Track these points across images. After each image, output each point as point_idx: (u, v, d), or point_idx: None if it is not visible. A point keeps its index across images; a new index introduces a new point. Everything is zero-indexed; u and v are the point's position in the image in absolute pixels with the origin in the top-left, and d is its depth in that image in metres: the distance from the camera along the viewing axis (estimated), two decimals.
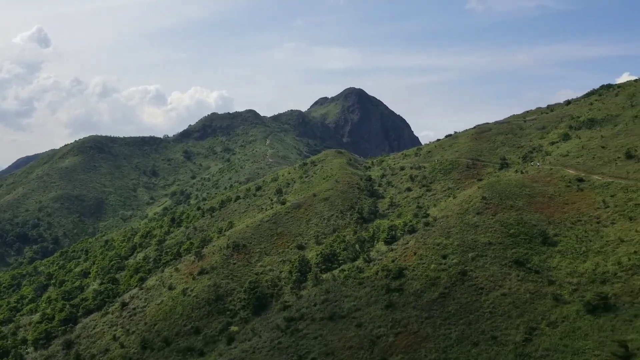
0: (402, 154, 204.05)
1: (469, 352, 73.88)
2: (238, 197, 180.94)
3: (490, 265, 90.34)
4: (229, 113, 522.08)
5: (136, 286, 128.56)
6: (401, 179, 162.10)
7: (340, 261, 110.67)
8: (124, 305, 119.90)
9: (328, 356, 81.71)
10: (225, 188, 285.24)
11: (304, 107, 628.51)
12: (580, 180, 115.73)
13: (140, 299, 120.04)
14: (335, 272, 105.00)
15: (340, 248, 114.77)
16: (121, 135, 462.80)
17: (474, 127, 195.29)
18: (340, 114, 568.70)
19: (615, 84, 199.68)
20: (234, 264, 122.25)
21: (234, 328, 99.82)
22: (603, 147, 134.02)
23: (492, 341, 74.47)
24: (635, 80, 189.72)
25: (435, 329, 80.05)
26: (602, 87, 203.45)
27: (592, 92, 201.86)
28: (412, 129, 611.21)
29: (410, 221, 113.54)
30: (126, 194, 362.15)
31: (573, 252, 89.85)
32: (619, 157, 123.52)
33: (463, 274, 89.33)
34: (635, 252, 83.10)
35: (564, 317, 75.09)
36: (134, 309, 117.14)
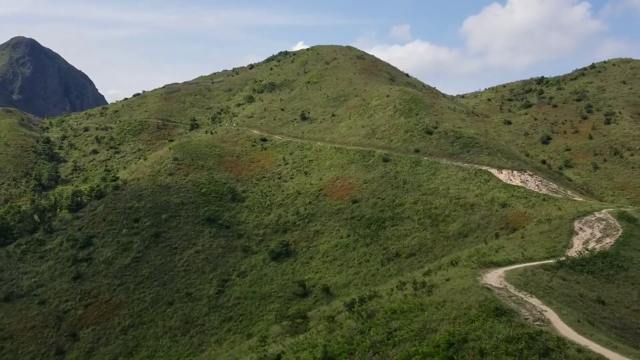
0: (86, 113, 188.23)
1: (165, 312, 73.84)
2: None
3: (184, 224, 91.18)
4: None
5: None
6: (86, 140, 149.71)
7: (15, 235, 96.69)
8: None
9: (6, 341, 71.73)
10: None
11: None
12: (264, 140, 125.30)
13: None
14: (10, 247, 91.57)
15: (14, 220, 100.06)
16: None
17: (163, 87, 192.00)
18: (7, 66, 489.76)
19: (292, 52, 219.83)
20: None
21: None
22: (282, 110, 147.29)
23: (187, 298, 75.85)
24: (307, 49, 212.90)
25: (129, 294, 77.44)
26: (281, 53, 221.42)
27: (272, 58, 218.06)
28: (98, 87, 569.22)
29: (98, 185, 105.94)
30: None
31: (259, 206, 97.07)
32: (295, 119, 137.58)
33: (157, 235, 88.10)
34: (309, 202, 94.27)
35: (253, 266, 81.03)
36: None
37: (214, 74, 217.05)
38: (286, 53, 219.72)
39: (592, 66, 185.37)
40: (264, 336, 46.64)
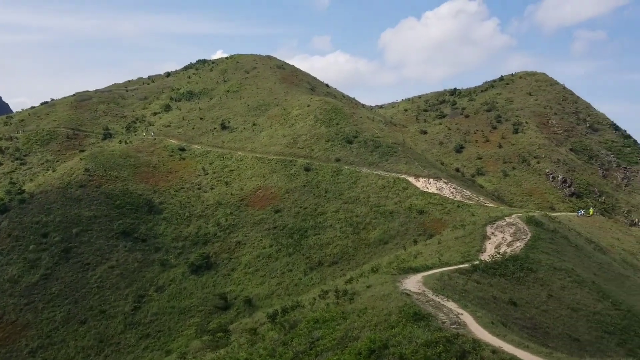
0: None
1: (77, 331, 69.87)
2: None
3: (97, 239, 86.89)
4: None
5: None
6: None
7: None
8: None
9: None
10: None
11: None
12: (182, 149, 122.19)
13: None
14: None
15: None
16: None
17: (74, 95, 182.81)
18: None
19: (211, 60, 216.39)
20: None
21: None
22: (201, 119, 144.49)
23: (101, 315, 72.24)
24: (227, 58, 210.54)
25: (37, 314, 72.65)
26: (199, 61, 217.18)
27: (190, 66, 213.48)
28: (1, 95, 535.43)
29: (2, 199, 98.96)
30: None
31: (178, 218, 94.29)
32: (215, 128, 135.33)
33: (67, 251, 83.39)
34: (231, 213, 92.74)
35: (171, 281, 78.42)
36: None
37: (129, 81, 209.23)
38: (205, 61, 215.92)
39: (501, 78, 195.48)
40: (184, 352, 45.03)
